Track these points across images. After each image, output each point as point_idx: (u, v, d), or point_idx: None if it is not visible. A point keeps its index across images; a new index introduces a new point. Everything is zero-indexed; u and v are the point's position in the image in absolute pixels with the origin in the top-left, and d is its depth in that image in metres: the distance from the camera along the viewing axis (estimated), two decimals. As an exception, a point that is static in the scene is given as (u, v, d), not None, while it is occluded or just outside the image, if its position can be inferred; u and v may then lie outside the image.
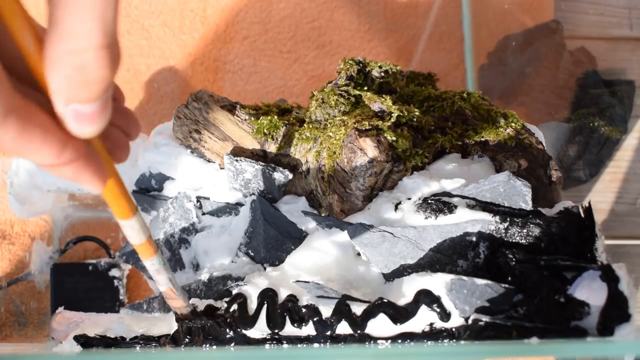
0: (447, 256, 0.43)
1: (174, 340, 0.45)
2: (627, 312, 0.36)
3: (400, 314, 0.40)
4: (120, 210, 0.33)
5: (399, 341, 0.40)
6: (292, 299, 0.43)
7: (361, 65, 0.53)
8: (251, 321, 0.43)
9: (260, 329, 0.43)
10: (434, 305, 0.40)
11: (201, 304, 0.46)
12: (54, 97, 0.25)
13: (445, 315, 0.40)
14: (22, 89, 0.26)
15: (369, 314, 0.41)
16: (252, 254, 0.51)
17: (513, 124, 0.50)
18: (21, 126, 0.25)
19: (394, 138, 0.45)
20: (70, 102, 0.25)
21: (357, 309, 0.41)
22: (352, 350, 0.40)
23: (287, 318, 0.43)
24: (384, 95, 0.49)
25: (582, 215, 0.43)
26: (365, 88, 0.52)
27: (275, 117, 0.52)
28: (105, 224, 0.70)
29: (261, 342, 0.43)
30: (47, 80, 0.25)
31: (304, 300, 0.43)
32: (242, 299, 0.44)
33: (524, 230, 0.42)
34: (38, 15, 0.59)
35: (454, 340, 0.40)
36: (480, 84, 0.78)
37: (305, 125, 0.51)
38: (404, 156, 0.46)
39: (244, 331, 0.43)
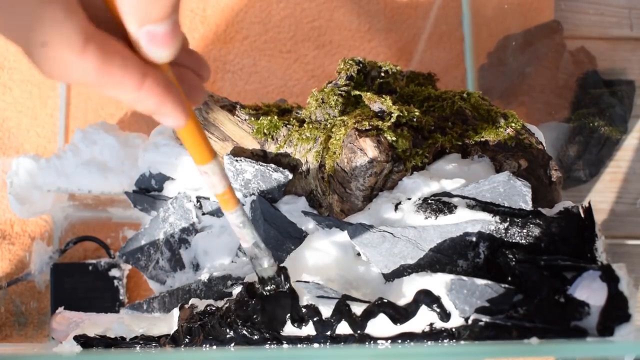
0: (447, 256, 0.43)
1: (174, 340, 0.45)
2: (627, 312, 0.36)
3: (400, 314, 0.40)
4: (199, 154, 0.33)
5: (399, 341, 0.40)
6: (292, 299, 0.43)
7: (361, 65, 0.53)
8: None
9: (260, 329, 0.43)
10: (434, 305, 0.40)
11: (201, 304, 0.46)
12: (128, 22, 0.26)
13: (445, 315, 0.40)
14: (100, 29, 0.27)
15: (369, 314, 0.41)
16: (252, 254, 0.51)
17: (513, 124, 0.50)
18: (101, 54, 0.26)
19: (394, 138, 0.45)
20: (143, 24, 0.26)
21: (357, 309, 0.41)
22: (352, 350, 0.40)
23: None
24: (384, 95, 0.49)
25: (582, 215, 0.43)
26: (365, 88, 0.52)
27: (275, 117, 0.52)
28: (105, 224, 0.70)
29: (261, 342, 0.43)
30: (118, 4, 0.26)
31: (304, 300, 0.43)
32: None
33: (524, 230, 0.42)
34: None
35: (454, 341, 0.40)
36: (480, 84, 0.78)
37: (305, 125, 0.51)
38: (404, 156, 0.46)
39: (244, 331, 0.43)
